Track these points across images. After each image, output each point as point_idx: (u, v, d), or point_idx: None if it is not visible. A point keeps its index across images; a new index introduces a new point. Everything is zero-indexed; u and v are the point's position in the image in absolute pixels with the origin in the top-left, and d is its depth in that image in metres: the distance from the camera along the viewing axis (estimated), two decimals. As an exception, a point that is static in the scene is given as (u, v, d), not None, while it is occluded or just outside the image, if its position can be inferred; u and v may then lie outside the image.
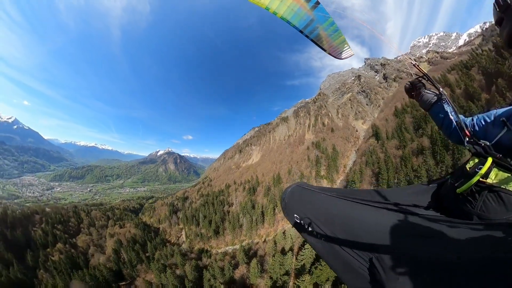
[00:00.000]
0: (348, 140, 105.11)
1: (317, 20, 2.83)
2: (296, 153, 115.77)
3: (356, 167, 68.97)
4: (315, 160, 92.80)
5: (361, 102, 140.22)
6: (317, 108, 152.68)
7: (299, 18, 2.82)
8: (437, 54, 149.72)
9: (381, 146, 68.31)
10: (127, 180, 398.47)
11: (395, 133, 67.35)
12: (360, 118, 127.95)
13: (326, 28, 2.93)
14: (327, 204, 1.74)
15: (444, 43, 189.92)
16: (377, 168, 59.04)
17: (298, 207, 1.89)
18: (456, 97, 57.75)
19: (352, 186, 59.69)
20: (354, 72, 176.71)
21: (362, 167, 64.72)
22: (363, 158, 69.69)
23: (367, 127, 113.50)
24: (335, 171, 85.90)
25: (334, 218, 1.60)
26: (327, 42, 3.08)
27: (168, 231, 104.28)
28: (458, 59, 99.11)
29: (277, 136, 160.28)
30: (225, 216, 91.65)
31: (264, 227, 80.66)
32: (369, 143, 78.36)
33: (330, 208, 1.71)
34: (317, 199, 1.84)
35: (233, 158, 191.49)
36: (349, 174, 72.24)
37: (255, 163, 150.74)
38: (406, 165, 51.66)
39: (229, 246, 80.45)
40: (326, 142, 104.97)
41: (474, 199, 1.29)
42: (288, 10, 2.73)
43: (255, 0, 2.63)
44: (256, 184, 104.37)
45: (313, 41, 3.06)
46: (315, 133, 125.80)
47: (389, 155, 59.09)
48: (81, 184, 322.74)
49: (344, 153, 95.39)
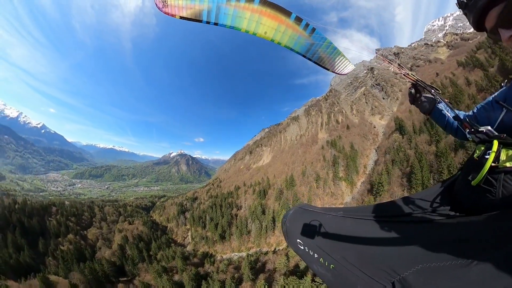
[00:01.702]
0: (366, 137, 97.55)
1: (316, 44, 3.19)
2: (309, 153, 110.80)
3: (380, 167, 62.09)
4: (332, 160, 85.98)
5: (376, 96, 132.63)
6: (329, 106, 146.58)
7: (300, 45, 3.20)
8: (456, 36, 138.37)
9: (408, 142, 60.93)
10: (142, 179, 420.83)
11: (424, 127, 59.65)
12: (377, 113, 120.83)
13: (325, 50, 3.28)
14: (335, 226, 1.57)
15: (462, 24, 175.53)
16: (408, 167, 52.16)
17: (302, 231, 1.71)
18: (491, 76, 51.49)
19: (379, 189, 53.79)
20: (366, 65, 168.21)
21: (388, 166, 57.93)
22: (387, 156, 63.16)
23: (386, 122, 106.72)
24: (355, 172, 78.54)
25: (344, 242, 1.41)
26: (329, 62, 3.45)
27: (175, 230, 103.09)
28: (482, 38, 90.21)
29: (288, 136, 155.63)
30: (233, 220, 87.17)
31: (275, 234, 74.18)
32: (393, 139, 70.82)
33: (339, 231, 1.53)
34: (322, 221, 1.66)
35: (243, 160, 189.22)
36: (372, 175, 65.38)
37: (265, 164, 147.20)
38: (442, 162, 44.36)
39: (235, 252, 75.53)
40: (343, 140, 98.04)
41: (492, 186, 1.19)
42: (290, 39, 3.13)
43: (261, 35, 3.04)
44: (267, 186, 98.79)
45: (316, 63, 3.41)
46: (329, 131, 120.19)
47: (420, 151, 51.96)
48: (99, 182, 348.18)
49: (362, 152, 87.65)
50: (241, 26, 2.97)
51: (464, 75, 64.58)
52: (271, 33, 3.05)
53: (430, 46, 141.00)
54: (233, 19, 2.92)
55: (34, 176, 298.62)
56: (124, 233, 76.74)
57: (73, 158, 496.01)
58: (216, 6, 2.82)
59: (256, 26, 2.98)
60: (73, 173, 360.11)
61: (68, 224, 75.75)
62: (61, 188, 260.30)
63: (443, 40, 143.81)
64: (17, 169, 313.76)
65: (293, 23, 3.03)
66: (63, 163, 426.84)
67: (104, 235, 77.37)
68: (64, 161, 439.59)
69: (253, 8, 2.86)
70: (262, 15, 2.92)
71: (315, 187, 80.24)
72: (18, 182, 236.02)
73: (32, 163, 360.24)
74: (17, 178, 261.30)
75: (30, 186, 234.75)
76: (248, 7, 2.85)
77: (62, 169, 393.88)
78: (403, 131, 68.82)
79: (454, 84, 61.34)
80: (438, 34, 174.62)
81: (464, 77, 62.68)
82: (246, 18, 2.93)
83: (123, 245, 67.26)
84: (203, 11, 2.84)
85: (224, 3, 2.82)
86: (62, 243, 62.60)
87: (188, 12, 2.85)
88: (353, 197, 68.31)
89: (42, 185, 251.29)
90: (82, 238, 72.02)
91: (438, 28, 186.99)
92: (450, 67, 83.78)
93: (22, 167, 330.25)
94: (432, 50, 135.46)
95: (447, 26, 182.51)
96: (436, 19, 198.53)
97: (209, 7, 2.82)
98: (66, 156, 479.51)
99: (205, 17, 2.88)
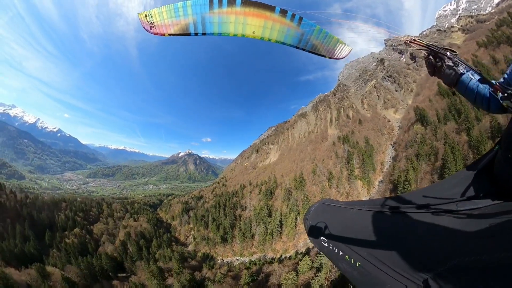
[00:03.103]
0: (381, 132, 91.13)
1: (306, 32, 3.13)
2: (319, 150, 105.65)
3: (401, 163, 56.50)
4: (345, 156, 79.69)
5: (388, 88, 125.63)
6: (338, 101, 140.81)
7: (290, 37, 3.16)
8: (471, 19, 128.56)
9: (433, 133, 54.84)
10: (151, 178, 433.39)
11: (449, 114, 53.81)
12: (390, 106, 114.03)
13: (317, 36, 3.21)
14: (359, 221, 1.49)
15: (476, 6, 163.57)
16: (438, 161, 46.06)
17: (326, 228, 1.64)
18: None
19: (406, 187, 47.21)
20: (375, 56, 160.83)
21: (413, 162, 51.45)
22: (409, 151, 57.59)
23: (402, 115, 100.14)
24: (371, 170, 71.90)
25: (370, 238, 1.32)
26: (323, 48, 3.36)
27: (178, 229, 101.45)
28: (501, 15, 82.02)
29: (296, 133, 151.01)
30: (236, 221, 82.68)
31: (281, 239, 68.23)
32: (413, 131, 64.48)
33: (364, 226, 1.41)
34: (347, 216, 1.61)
35: (249, 158, 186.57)
36: (392, 173, 59.50)
37: (272, 163, 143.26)
38: (482, 151, 38.23)
39: (237, 256, 71.15)
40: (356, 135, 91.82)
41: None
42: (279, 34, 3.10)
43: (250, 35, 3.05)
44: (273, 186, 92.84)
45: (311, 52, 3.35)
46: (339, 127, 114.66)
47: (452, 142, 45.90)
48: (111, 180, 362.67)
49: (378, 148, 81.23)
50: (228, 31, 2.97)
51: (488, 53, 58.69)
52: (259, 32, 3.07)
53: (443, 32, 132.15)
54: (219, 26, 2.91)
55: (51, 175, 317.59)
56: (128, 230, 76.99)
57: (87, 159, 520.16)
58: (200, 17, 2.84)
59: (243, 27, 2.99)
60: (87, 173, 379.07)
61: (75, 218, 77.22)
62: (76, 186, 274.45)
63: (457, 24, 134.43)
64: (36, 170, 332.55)
65: (279, 16, 2.99)
66: (77, 164, 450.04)
67: (109, 231, 78.05)
68: (78, 162, 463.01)
69: (236, 10, 2.86)
70: (247, 15, 2.93)
71: (328, 186, 74.98)
72: (37, 181, 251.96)
73: (50, 164, 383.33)
74: (35, 177, 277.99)
75: (48, 184, 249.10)
76: (231, 11, 2.86)
77: (77, 169, 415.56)
78: (425, 122, 62.60)
79: (480, 64, 55.44)
80: (450, 20, 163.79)
81: (489, 55, 56.93)
82: (232, 22, 2.91)
83: (125, 241, 67.21)
84: (189, 25, 2.89)
85: (208, 12, 2.81)
86: (68, 236, 63.57)
87: (176, 28, 2.90)
88: (371, 198, 63.05)
89: (58, 184, 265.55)
90: (88, 232, 72.94)
91: (451, 13, 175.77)
92: (469, 50, 76.78)
93: (41, 168, 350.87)
94: (445, 36, 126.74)
95: (460, 9, 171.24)
96: (448, 4, 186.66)
97: (194, 20, 2.86)
98: (80, 157, 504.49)
99: (192, 30, 2.94)
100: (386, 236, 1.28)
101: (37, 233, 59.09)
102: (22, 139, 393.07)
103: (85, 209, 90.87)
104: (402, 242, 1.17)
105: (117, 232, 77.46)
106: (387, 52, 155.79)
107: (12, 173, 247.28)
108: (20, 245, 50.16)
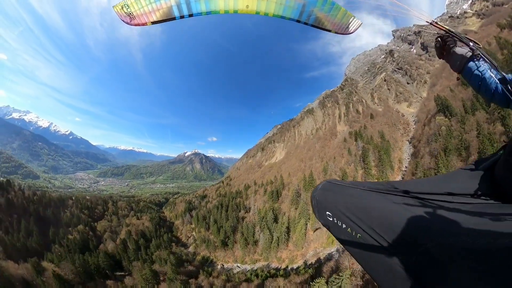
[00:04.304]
0: (395, 126, 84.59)
1: (309, 3, 2.71)
2: (329, 147, 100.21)
3: (425, 160, 50.01)
4: (360, 154, 72.23)
5: (399, 81, 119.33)
6: (346, 96, 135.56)
7: (290, 9, 2.74)
8: (486, 2, 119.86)
9: (461, 124, 49.32)
10: (159, 177, 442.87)
11: (477, 103, 48.08)
12: (403, 100, 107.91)
13: (321, 8, 2.73)
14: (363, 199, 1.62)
15: None
16: (473, 155, 40.58)
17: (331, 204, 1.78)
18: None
19: None
20: (383, 49, 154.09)
21: (442, 158, 44.86)
22: (433, 146, 51.12)
23: (417, 109, 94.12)
24: (389, 168, 64.56)
25: (372, 213, 1.46)
26: (329, 21, 2.86)
27: (180, 228, 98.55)
28: None
29: (303, 130, 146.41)
30: (238, 225, 76.34)
31: (288, 248, 61.21)
32: (436, 123, 58.16)
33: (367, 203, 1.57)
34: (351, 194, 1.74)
35: (255, 157, 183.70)
36: (413, 171, 53.08)
37: (279, 161, 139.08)
38: None
39: (238, 263, 65.45)
40: (369, 130, 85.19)
41: None
42: (277, 6, 2.71)
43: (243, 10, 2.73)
44: (280, 186, 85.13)
45: (315, 26, 2.91)
46: (349, 122, 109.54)
47: (488, 133, 40.25)
48: (120, 179, 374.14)
49: (394, 145, 74.43)
50: (218, 8, 2.64)
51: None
52: (253, 5, 2.71)
53: (456, 18, 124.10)
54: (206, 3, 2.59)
55: (64, 175, 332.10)
56: (130, 228, 76.41)
57: (97, 159, 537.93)
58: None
59: (235, 2, 2.63)
60: (98, 172, 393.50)
61: (80, 216, 77.83)
62: (87, 185, 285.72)
63: (470, 10, 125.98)
64: (50, 170, 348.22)
65: None
66: (88, 164, 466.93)
67: (112, 228, 78.05)
68: (89, 162, 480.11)
69: None
70: None
71: (342, 187, 69.64)
72: (50, 181, 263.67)
73: (62, 165, 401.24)
74: (49, 177, 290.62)
75: (60, 183, 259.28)
76: None
77: (88, 169, 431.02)
78: (449, 112, 56.33)
79: (508, 43, 49.66)
80: (462, 6, 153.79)
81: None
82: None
83: (126, 239, 66.52)
84: (172, 8, 2.62)
85: None
86: (71, 233, 63.91)
87: (158, 14, 2.65)
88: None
89: (70, 183, 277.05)
90: (91, 229, 73.15)
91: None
92: (489, 34, 70.12)
93: (54, 168, 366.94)
94: (459, 22, 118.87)
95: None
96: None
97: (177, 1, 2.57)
98: (91, 157, 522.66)
99: (177, 13, 2.65)
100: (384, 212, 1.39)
101: (41, 229, 59.57)
102: (37, 142, 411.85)
103: (90, 206, 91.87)
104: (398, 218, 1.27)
105: (120, 229, 77.42)
106: (396, 43, 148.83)
107: (28, 173, 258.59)
108: (23, 239, 50.46)
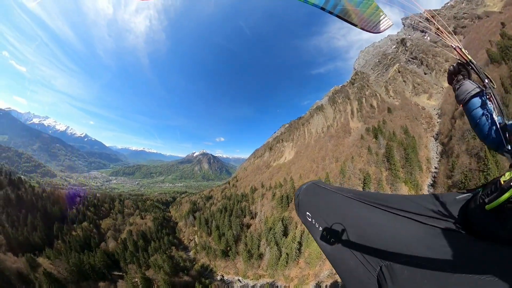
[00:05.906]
0: (417, 121, 75.10)
1: None
2: (343, 145, 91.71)
3: (462, 159, 41.43)
4: (383, 152, 62.20)
5: (415, 72, 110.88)
6: (358, 90, 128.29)
7: None
8: None
9: (505, 110, 40.24)
10: (168, 177, 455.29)
11: None
12: (422, 92, 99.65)
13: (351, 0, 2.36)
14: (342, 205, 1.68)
15: None
16: None
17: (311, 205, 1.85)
18: None
19: None
20: (393, 38, 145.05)
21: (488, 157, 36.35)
22: (472, 143, 42.20)
23: (438, 101, 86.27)
24: (418, 168, 55.10)
25: (347, 220, 1.53)
26: (356, 15, 2.49)
27: (183, 230, 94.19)
28: None
29: (313, 128, 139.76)
30: (242, 233, 69.04)
31: (299, 264, 52.19)
32: None
33: (345, 210, 1.64)
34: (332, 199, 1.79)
35: (262, 157, 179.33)
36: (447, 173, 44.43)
37: (288, 162, 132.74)
38: None
39: (240, 276, 59.00)
40: (388, 125, 75.09)
41: (506, 219, 1.04)
42: None
43: None
44: (290, 190, 76.01)
45: (340, 17, 2.52)
46: (363, 118, 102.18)
47: None
48: (131, 178, 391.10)
49: (419, 142, 64.52)
50: None
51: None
52: None
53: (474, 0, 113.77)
54: None
55: (79, 174, 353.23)
56: (132, 228, 75.65)
57: (110, 160, 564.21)
58: None
59: None
60: (110, 172, 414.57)
61: (86, 213, 78.24)
62: (100, 183, 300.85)
63: None
64: (66, 169, 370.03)
65: None
66: (102, 164, 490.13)
67: (116, 226, 77.68)
68: (103, 162, 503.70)
69: None
70: None
71: (363, 191, 60.34)
72: (66, 179, 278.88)
73: (78, 164, 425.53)
74: (65, 176, 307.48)
75: (75, 182, 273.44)
76: None
77: (101, 168, 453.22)
78: None
79: None
80: None
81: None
82: None
83: (126, 239, 65.41)
84: None
85: None
86: (75, 229, 63.91)
87: None
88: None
89: (84, 181, 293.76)
90: (95, 226, 73.10)
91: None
92: None
93: (70, 167, 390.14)
94: (477, 3, 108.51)
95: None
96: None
97: None
98: (104, 158, 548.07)
99: None
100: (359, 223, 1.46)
101: (47, 224, 59.89)
102: (55, 144, 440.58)
103: (97, 204, 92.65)
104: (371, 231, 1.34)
105: (123, 228, 76.91)
106: (407, 32, 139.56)
107: (46, 172, 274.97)
108: (26, 233, 50.83)
